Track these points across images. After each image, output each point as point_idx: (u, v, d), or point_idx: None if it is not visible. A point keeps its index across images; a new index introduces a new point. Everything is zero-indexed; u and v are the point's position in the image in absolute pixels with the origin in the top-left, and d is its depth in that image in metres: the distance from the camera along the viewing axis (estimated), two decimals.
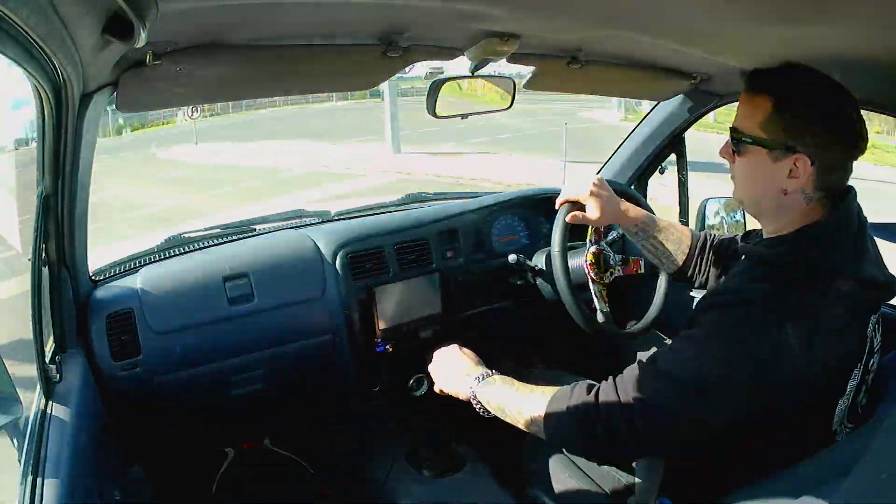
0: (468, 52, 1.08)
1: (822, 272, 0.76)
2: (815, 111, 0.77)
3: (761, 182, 0.81)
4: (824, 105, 0.78)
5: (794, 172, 0.78)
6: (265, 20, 0.87)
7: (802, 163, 0.77)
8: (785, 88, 0.79)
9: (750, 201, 0.85)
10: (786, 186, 0.78)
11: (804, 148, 0.77)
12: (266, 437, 1.56)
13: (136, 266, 1.32)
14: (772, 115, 0.78)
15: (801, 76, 0.80)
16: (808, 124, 0.77)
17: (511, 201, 1.62)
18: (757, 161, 0.80)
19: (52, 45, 0.61)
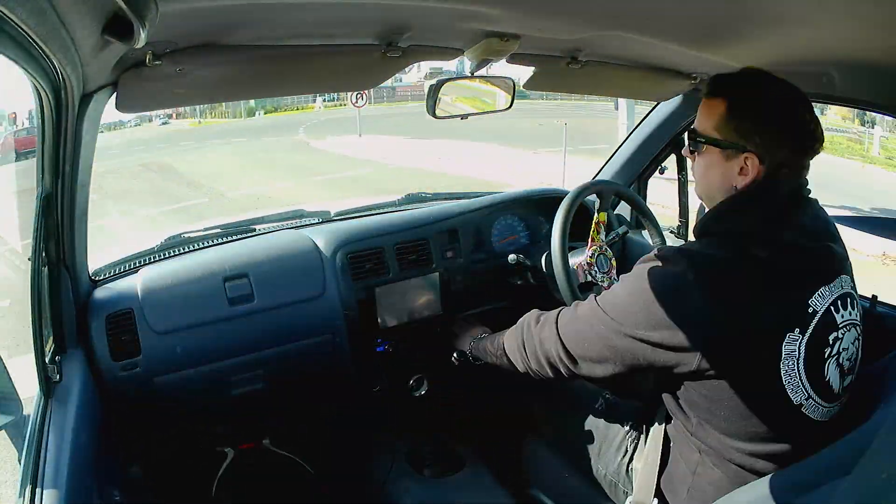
0: (468, 53, 1.08)
1: (734, 235, 0.82)
2: (765, 113, 0.83)
3: (716, 179, 0.88)
4: (774, 108, 0.83)
5: (745, 170, 0.84)
6: (265, 20, 0.87)
7: (752, 161, 0.84)
8: (738, 92, 0.86)
9: (706, 197, 0.92)
10: (736, 183, 0.85)
11: (753, 148, 0.83)
12: (266, 438, 1.56)
13: (135, 266, 1.32)
14: (725, 117, 0.85)
15: (755, 81, 0.86)
16: (757, 125, 0.83)
17: (511, 201, 1.62)
18: (711, 160, 0.88)
19: (52, 45, 0.61)
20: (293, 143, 13.98)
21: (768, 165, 0.83)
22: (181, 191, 9.42)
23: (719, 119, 0.85)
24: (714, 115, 0.86)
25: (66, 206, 0.97)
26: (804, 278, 0.82)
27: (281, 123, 18.39)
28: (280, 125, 17.52)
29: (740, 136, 0.84)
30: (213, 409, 1.32)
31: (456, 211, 1.54)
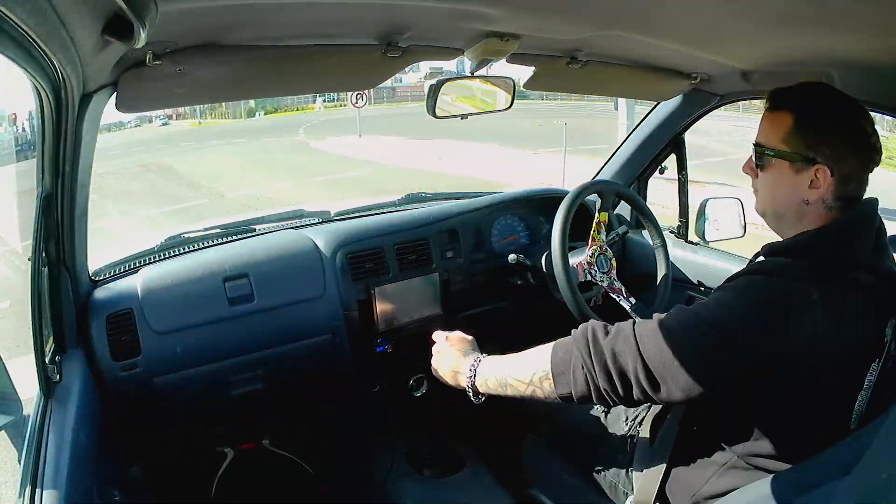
0: (468, 53, 1.08)
1: (844, 262, 0.80)
2: (832, 124, 0.82)
3: (785, 193, 0.85)
4: (840, 119, 0.83)
5: (815, 183, 0.83)
6: (265, 20, 0.87)
7: (822, 173, 0.82)
8: (804, 104, 0.84)
9: (773, 212, 0.89)
10: (807, 196, 0.83)
11: (823, 159, 0.82)
12: (265, 438, 1.56)
13: (135, 266, 1.32)
14: (793, 129, 0.84)
15: (818, 92, 0.85)
16: (826, 136, 0.82)
17: (511, 201, 1.62)
18: (780, 173, 0.85)
19: (52, 45, 0.61)
20: (293, 143, 13.95)
21: (837, 177, 0.82)
22: (181, 191, 9.44)
23: (787, 131, 0.84)
24: (781, 128, 0.85)
25: (66, 206, 0.96)
26: (889, 310, 0.83)
27: (281, 124, 18.31)
28: (280, 126, 17.45)
29: (809, 148, 0.82)
30: (213, 410, 1.32)
31: (456, 211, 1.54)
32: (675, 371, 0.78)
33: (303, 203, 6.40)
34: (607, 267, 1.38)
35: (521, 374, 0.91)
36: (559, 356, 0.87)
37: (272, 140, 14.36)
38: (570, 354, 0.86)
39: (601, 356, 0.83)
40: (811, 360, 0.77)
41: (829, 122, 0.83)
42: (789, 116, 0.84)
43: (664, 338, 0.80)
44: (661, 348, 0.79)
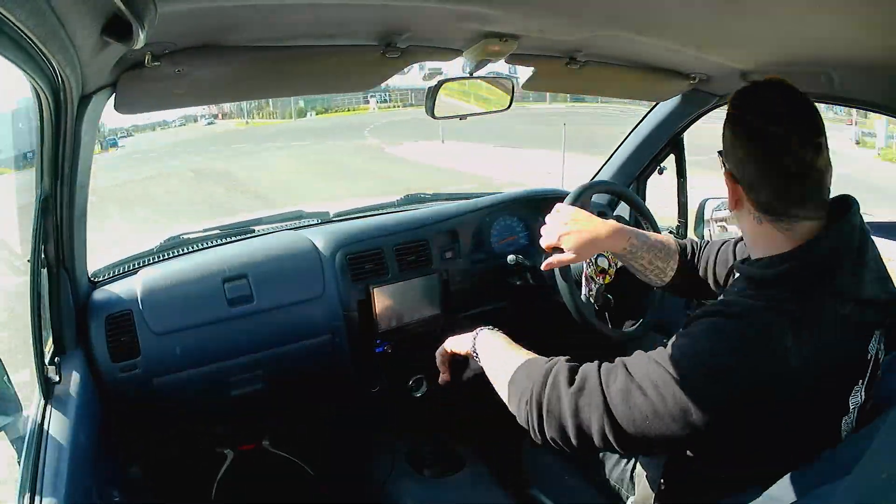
0: (467, 53, 1.08)
1: (818, 295, 0.73)
2: (738, 126, 0.76)
3: (730, 201, 0.80)
4: (748, 121, 0.75)
5: (732, 188, 0.77)
6: (264, 21, 0.87)
7: (730, 179, 0.77)
8: (735, 104, 0.78)
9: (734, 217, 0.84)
10: (735, 203, 0.78)
11: (731, 166, 0.77)
12: (265, 438, 1.56)
13: (135, 267, 1.32)
14: (724, 130, 0.78)
15: (754, 93, 0.78)
16: (730, 139, 0.77)
17: (510, 202, 1.62)
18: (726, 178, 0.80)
19: (51, 46, 0.61)
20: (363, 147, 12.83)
21: (743, 185, 0.76)
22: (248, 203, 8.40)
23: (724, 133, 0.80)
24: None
25: (65, 207, 0.97)
26: (872, 329, 0.77)
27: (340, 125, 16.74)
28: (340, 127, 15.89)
29: (725, 152, 0.78)
30: (213, 410, 1.32)
31: (455, 212, 1.54)
32: (650, 428, 0.73)
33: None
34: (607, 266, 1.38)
35: (493, 376, 0.90)
36: (520, 381, 0.83)
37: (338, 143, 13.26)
38: (528, 388, 0.82)
39: (558, 407, 0.78)
40: (793, 399, 0.73)
41: (737, 125, 0.76)
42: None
43: (638, 396, 0.74)
44: (634, 407, 0.73)
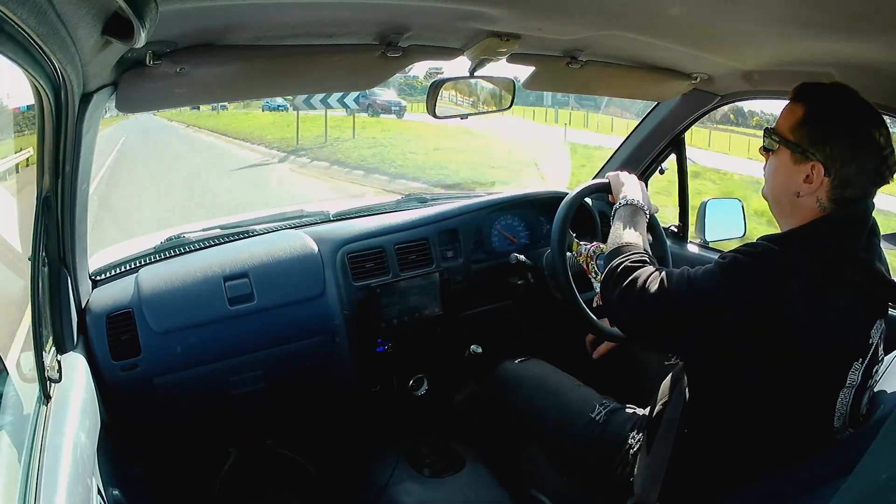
0: (468, 53, 1.08)
1: (835, 259, 0.80)
2: (839, 127, 0.82)
3: (781, 181, 0.87)
4: (849, 124, 0.82)
5: (810, 178, 0.84)
6: (265, 20, 0.87)
7: (818, 171, 0.83)
8: (820, 101, 0.85)
9: (772, 198, 0.91)
10: (800, 190, 0.85)
11: (822, 158, 0.82)
12: (268, 438, 1.56)
13: (135, 266, 1.32)
14: (801, 121, 0.85)
15: (839, 94, 0.85)
16: (829, 137, 0.82)
17: (511, 201, 1.62)
18: (781, 161, 0.87)
19: (52, 45, 0.61)
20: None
21: (834, 179, 0.82)
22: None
23: (795, 122, 0.85)
24: (792, 118, 0.86)
25: (66, 206, 0.96)
26: (876, 308, 0.84)
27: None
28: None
29: (811, 143, 0.83)
30: (214, 409, 1.32)
31: (456, 211, 1.54)
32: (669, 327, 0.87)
33: None
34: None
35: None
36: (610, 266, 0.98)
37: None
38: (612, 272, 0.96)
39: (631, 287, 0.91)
40: (795, 351, 0.79)
41: (836, 124, 0.83)
42: (802, 109, 0.85)
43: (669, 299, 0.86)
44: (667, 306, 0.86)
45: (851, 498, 0.60)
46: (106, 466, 0.98)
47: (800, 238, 0.83)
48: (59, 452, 0.78)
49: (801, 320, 0.77)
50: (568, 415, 1.19)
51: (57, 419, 0.84)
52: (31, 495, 0.72)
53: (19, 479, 0.75)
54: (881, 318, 0.84)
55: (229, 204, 6.97)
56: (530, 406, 1.26)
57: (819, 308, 0.78)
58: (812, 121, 0.84)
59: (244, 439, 1.54)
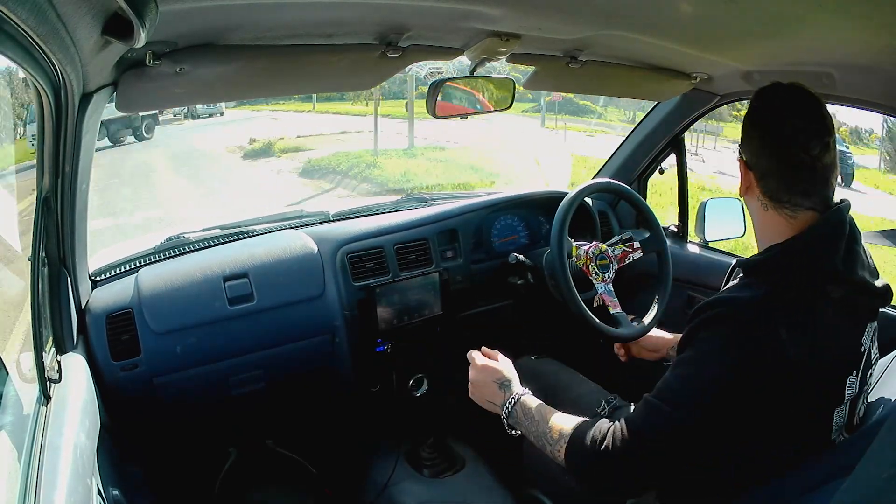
0: (468, 53, 1.08)
1: (813, 277, 0.77)
2: (756, 119, 0.82)
3: (742, 190, 0.86)
4: (766, 116, 0.82)
5: (747, 179, 0.84)
6: (265, 20, 0.87)
7: (742, 166, 0.84)
8: (754, 102, 0.84)
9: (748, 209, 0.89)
10: (746, 194, 0.84)
11: (744, 153, 0.83)
12: (268, 438, 1.56)
13: (135, 266, 1.32)
14: (744, 122, 0.84)
15: (772, 92, 0.83)
16: (748, 132, 0.83)
17: (511, 201, 1.62)
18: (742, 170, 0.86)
19: (52, 45, 0.61)
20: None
21: (755, 172, 0.81)
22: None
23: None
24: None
25: (65, 206, 0.96)
26: (865, 318, 0.81)
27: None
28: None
29: (741, 145, 0.84)
30: (214, 410, 1.32)
31: (456, 211, 1.54)
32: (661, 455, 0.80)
33: None
34: (607, 270, 1.38)
35: (547, 439, 0.92)
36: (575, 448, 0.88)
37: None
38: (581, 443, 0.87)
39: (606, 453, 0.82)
40: (791, 388, 0.75)
41: (755, 119, 0.82)
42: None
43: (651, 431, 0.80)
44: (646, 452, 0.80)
45: (851, 498, 0.60)
46: (106, 466, 0.97)
47: (776, 262, 0.79)
48: (59, 452, 0.78)
49: (794, 361, 0.74)
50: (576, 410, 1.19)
51: (57, 419, 0.84)
52: (31, 495, 0.72)
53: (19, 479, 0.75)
54: (871, 321, 0.82)
55: None
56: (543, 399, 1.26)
57: (808, 341, 0.75)
58: (745, 121, 0.84)
59: (244, 439, 1.54)
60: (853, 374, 0.80)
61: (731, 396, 0.76)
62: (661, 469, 0.82)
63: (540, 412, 0.95)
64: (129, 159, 9.55)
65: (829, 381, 0.78)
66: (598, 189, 1.45)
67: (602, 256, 1.37)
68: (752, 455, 0.81)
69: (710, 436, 0.78)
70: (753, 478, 0.82)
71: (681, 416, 0.78)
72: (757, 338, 0.74)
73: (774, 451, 0.80)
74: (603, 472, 0.84)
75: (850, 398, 0.80)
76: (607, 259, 1.37)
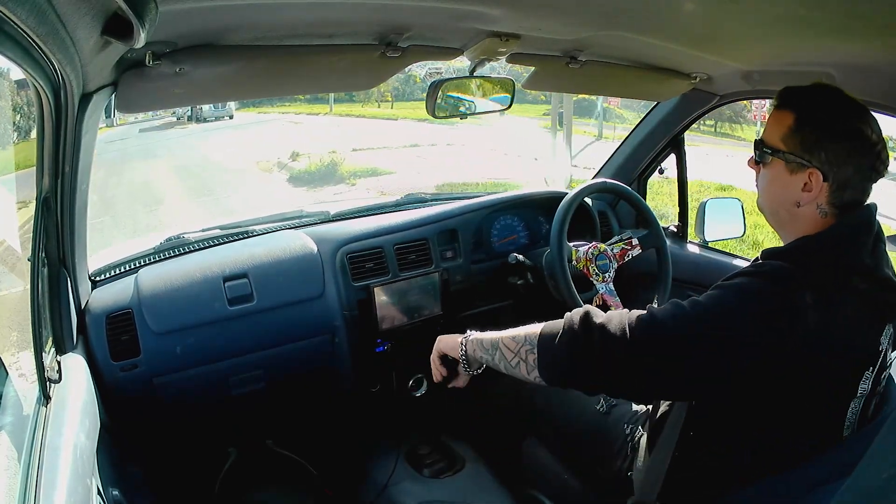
0: (468, 53, 1.08)
1: (841, 267, 0.79)
2: (832, 130, 0.81)
3: (779, 192, 0.85)
4: (842, 125, 0.81)
5: (808, 186, 0.81)
6: (264, 21, 0.87)
7: (816, 178, 0.81)
8: (808, 106, 0.83)
9: (769, 210, 0.89)
10: (799, 199, 0.82)
11: (819, 164, 0.80)
12: (268, 438, 1.56)
13: (135, 267, 1.32)
14: (792, 129, 0.82)
15: (825, 96, 0.83)
16: (823, 141, 0.80)
17: (510, 201, 1.62)
18: (776, 172, 0.85)
19: (52, 45, 0.61)
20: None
21: (833, 183, 0.81)
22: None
23: (786, 131, 0.83)
24: (781, 127, 0.83)
25: (65, 206, 0.96)
26: (885, 316, 0.82)
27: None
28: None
29: (805, 150, 0.81)
30: (214, 410, 1.32)
31: (455, 211, 1.54)
32: (664, 369, 0.79)
33: None
34: (607, 269, 1.38)
35: (509, 342, 0.93)
36: (547, 332, 0.88)
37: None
38: (558, 332, 0.86)
39: (590, 338, 0.82)
40: (807, 365, 0.76)
41: (829, 127, 0.81)
42: (791, 116, 0.83)
43: (660, 334, 0.79)
44: (655, 343, 0.79)
45: (852, 497, 0.60)
46: (106, 467, 0.97)
47: (805, 250, 0.81)
48: (59, 453, 0.78)
49: (813, 334, 0.75)
50: (576, 409, 1.19)
51: (56, 420, 0.84)
52: (31, 496, 0.72)
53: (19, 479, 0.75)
54: (891, 323, 0.83)
55: None
56: (546, 395, 1.26)
57: (829, 320, 0.76)
58: (803, 127, 0.82)
59: (244, 439, 1.54)
60: (869, 370, 0.81)
61: (754, 341, 0.76)
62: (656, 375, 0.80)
63: (494, 336, 0.97)
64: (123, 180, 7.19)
65: (844, 371, 0.80)
66: (597, 189, 1.45)
67: (601, 256, 1.37)
68: (767, 441, 0.82)
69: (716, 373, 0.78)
70: (767, 467, 0.83)
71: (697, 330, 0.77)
72: (781, 294, 0.76)
73: (789, 439, 0.81)
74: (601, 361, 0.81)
75: (864, 394, 0.81)
76: (606, 258, 1.37)
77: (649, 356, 0.79)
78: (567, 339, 0.84)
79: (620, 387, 0.83)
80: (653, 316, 0.81)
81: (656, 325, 0.79)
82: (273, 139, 9.60)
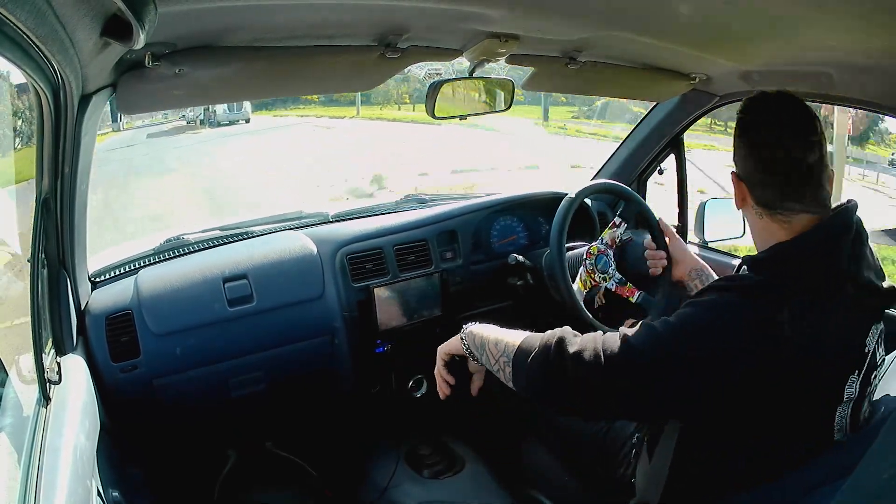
0: (467, 54, 1.08)
1: (821, 274, 0.77)
2: (741, 130, 0.84)
3: (737, 200, 0.87)
4: (750, 126, 0.83)
5: (738, 186, 0.85)
6: (264, 22, 0.87)
7: (736, 177, 0.85)
8: (741, 110, 0.85)
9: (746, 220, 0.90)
10: (742, 205, 0.86)
11: (737, 167, 0.85)
12: (268, 439, 1.56)
13: (135, 268, 1.32)
14: (734, 134, 0.86)
15: (757, 100, 0.84)
16: (735, 142, 0.84)
17: (510, 202, 1.62)
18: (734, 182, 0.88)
19: (51, 46, 0.61)
20: None
21: (746, 183, 0.83)
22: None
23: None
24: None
25: (65, 207, 0.96)
26: (869, 318, 0.81)
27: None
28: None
29: (733, 156, 0.85)
30: (214, 411, 1.32)
31: (455, 212, 1.54)
32: (638, 393, 0.78)
33: None
34: (608, 267, 1.38)
35: (493, 347, 0.92)
36: (524, 349, 0.86)
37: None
38: (532, 351, 0.84)
39: (563, 365, 0.80)
40: (787, 377, 0.75)
41: (741, 130, 0.84)
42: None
43: (634, 357, 0.77)
44: (628, 368, 0.77)
45: (853, 497, 0.60)
46: (106, 468, 0.97)
47: (781, 258, 0.79)
48: (59, 454, 0.78)
49: (793, 345, 0.74)
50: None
51: (56, 421, 0.84)
52: (31, 497, 0.72)
53: (19, 480, 0.75)
54: (877, 322, 0.82)
55: None
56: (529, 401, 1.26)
57: (807, 329, 0.74)
58: (734, 137, 0.85)
59: (244, 441, 1.54)
60: (854, 374, 0.79)
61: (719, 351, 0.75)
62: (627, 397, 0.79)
63: (484, 335, 0.95)
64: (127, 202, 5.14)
65: (827, 378, 0.78)
66: (597, 190, 1.45)
67: (600, 258, 1.37)
68: (760, 448, 0.81)
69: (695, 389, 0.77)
70: (763, 472, 0.82)
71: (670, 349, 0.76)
72: (753, 308, 0.75)
73: (782, 446, 0.80)
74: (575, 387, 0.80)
75: (851, 398, 0.80)
76: (602, 255, 1.37)
77: (623, 380, 0.78)
78: (541, 360, 0.83)
79: (594, 411, 0.84)
80: (626, 341, 0.79)
81: (630, 350, 0.78)
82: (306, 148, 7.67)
